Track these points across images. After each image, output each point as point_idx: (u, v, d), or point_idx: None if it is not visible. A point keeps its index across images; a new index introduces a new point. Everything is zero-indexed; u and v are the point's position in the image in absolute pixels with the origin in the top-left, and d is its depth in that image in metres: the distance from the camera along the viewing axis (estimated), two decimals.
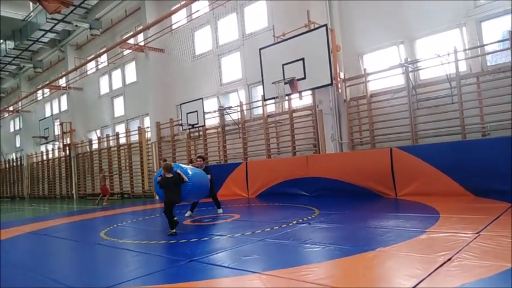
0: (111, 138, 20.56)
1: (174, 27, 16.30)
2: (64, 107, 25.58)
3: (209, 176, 8.11)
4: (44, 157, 26.92)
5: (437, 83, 9.65)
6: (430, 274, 3.38)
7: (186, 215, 8.71)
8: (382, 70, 10.58)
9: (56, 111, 26.54)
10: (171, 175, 6.67)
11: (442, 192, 8.25)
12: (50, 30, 22.00)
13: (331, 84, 10.35)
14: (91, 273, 4.63)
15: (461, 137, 9.09)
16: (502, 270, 3.36)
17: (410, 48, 10.36)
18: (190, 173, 6.98)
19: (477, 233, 4.73)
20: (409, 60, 10.00)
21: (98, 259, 5.51)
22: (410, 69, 9.94)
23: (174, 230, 6.47)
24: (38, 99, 28.19)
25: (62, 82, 23.65)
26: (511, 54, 8.36)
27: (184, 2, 13.61)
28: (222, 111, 14.74)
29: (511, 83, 8.35)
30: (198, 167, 8.25)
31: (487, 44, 9.17)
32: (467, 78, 9.22)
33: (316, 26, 10.72)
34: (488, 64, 9.24)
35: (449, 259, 3.74)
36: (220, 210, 8.90)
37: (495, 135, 8.58)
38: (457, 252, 3.94)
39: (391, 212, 7.60)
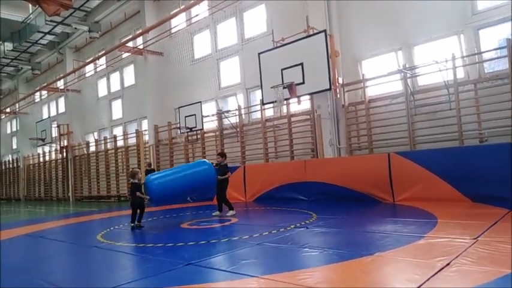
0: (108, 140, 20.52)
1: (173, 31, 16.32)
2: (62, 109, 25.51)
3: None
4: (41, 159, 26.79)
5: (435, 89, 9.70)
6: (428, 279, 3.38)
7: (214, 214, 9.00)
8: (380, 76, 10.61)
9: (53, 113, 26.45)
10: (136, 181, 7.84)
11: (440, 198, 8.25)
12: (49, 33, 22.01)
13: (329, 89, 10.38)
14: (87, 276, 4.60)
15: (459, 143, 9.12)
16: (500, 276, 3.37)
17: (409, 55, 10.42)
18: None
19: (475, 238, 4.74)
20: (407, 66, 10.05)
21: (94, 262, 5.47)
22: (408, 75, 9.99)
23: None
24: (36, 101, 28.15)
25: (60, 84, 23.63)
26: (509, 62, 8.43)
27: (184, 6, 13.64)
28: (220, 115, 14.73)
29: (510, 89, 8.39)
30: (218, 164, 8.91)
31: (484, 52, 9.23)
32: (465, 84, 9.28)
33: (315, 31, 10.76)
34: (486, 71, 9.30)
35: (447, 264, 3.75)
36: (217, 212, 8.97)
37: (492, 142, 8.61)
38: (455, 258, 3.94)
39: (388, 217, 7.61)
